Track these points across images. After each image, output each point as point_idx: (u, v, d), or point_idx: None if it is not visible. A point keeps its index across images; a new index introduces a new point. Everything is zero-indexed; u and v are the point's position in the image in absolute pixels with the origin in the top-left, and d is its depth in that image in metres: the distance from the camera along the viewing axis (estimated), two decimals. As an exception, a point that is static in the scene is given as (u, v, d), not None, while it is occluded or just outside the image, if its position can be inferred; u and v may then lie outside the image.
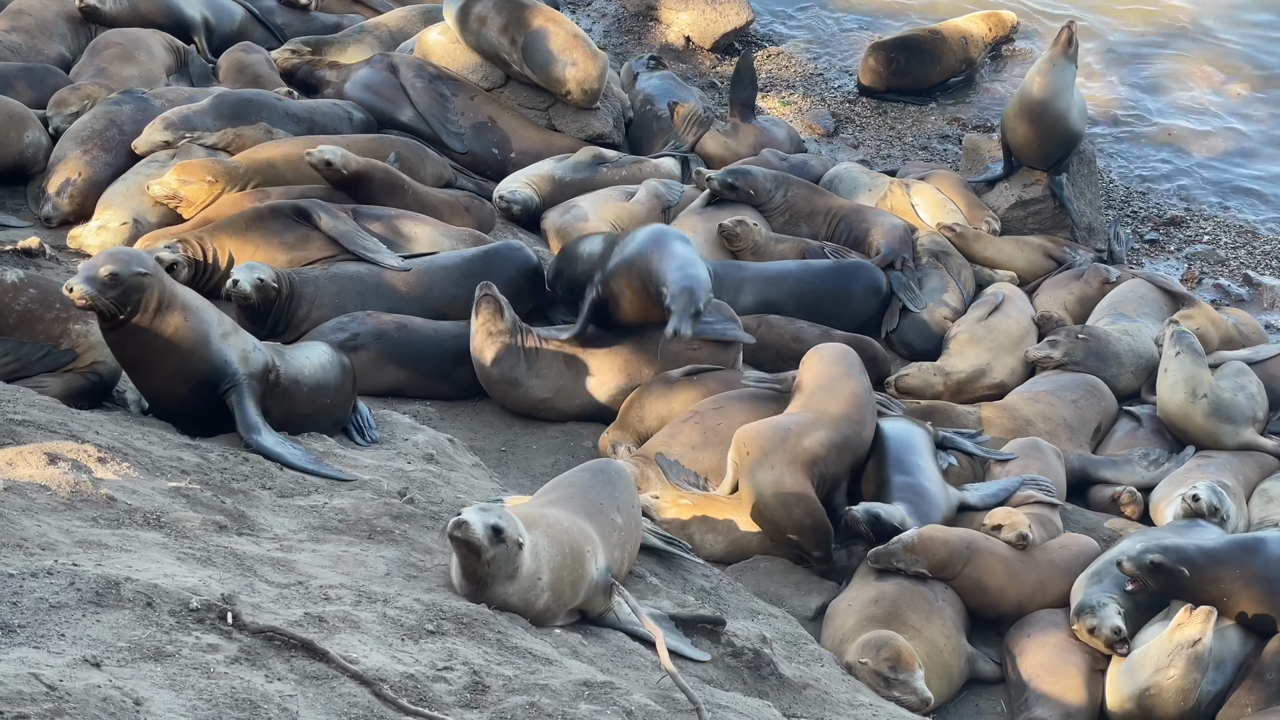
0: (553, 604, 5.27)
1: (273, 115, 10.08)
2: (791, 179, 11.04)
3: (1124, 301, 10.31)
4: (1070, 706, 6.82)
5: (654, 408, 8.28)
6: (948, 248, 10.75)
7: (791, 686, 5.65)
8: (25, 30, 10.86)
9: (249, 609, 4.39)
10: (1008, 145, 11.77)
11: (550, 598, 5.23)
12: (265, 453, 6.30)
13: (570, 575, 5.32)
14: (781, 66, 14.47)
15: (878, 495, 7.72)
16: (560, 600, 5.30)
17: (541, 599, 5.19)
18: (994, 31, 14.38)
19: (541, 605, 5.20)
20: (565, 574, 5.30)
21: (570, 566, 5.33)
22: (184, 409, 6.48)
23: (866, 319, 9.98)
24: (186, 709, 3.73)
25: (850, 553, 7.53)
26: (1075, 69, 11.52)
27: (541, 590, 5.18)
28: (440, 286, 8.78)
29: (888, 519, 7.37)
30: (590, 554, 5.43)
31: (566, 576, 5.30)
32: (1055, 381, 9.40)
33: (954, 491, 7.90)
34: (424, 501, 6.07)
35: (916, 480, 7.73)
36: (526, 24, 11.08)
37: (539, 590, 5.18)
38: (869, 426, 7.92)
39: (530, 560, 5.13)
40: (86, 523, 4.89)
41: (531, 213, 10.47)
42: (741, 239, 10.15)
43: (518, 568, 5.08)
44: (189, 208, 9.18)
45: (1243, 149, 13.77)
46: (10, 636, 3.88)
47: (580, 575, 5.38)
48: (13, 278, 6.57)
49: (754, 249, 10.19)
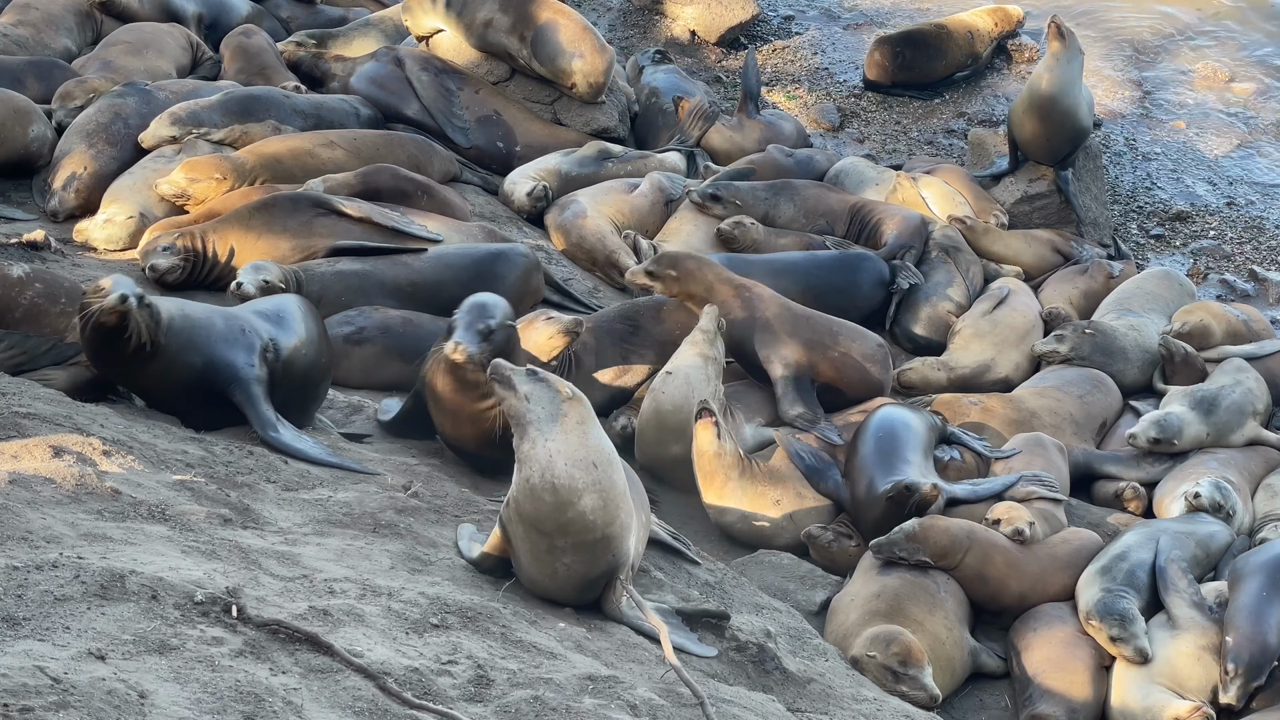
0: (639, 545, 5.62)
1: (280, 112, 10.07)
2: (793, 184, 10.99)
3: (1130, 297, 10.30)
4: (1075, 702, 6.82)
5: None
6: (959, 243, 10.74)
7: (796, 681, 5.65)
8: (32, 24, 10.87)
9: (254, 602, 4.39)
10: (1014, 140, 11.76)
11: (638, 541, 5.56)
12: (286, 450, 6.29)
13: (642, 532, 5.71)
14: (787, 61, 14.46)
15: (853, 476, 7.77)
16: (639, 548, 5.63)
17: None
18: (1000, 26, 14.36)
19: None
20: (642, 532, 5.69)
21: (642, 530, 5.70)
22: (188, 409, 6.48)
23: (872, 311, 9.99)
24: (191, 702, 3.74)
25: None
26: (1082, 59, 11.52)
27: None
28: (444, 286, 8.75)
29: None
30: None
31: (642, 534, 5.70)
32: (1062, 376, 9.39)
33: (942, 484, 7.87)
34: (428, 495, 6.08)
35: (894, 464, 7.71)
36: (534, 18, 11.07)
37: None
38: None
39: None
40: (91, 516, 4.89)
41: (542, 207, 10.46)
42: (739, 240, 10.15)
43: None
44: (197, 205, 9.17)
45: (1249, 144, 13.75)
46: (15, 629, 3.89)
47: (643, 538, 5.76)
48: (19, 272, 6.58)
49: (754, 248, 10.19)
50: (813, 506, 7.84)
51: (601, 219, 10.23)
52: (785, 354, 8.50)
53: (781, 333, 8.57)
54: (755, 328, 8.56)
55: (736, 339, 8.55)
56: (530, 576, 5.36)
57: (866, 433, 7.94)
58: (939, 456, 8.24)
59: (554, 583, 5.33)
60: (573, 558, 5.25)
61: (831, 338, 8.71)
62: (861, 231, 10.64)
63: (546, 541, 5.21)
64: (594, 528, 5.20)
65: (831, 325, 8.80)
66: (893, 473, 7.58)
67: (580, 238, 10.13)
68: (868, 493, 7.59)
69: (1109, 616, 6.94)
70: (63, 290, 6.66)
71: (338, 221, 8.93)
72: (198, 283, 8.58)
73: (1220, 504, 7.91)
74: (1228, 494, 7.98)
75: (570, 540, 5.20)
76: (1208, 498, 7.85)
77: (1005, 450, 8.40)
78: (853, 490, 7.73)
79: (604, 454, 5.23)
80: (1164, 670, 6.83)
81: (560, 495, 5.12)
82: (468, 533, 5.75)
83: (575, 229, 10.15)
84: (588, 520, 5.17)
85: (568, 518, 5.15)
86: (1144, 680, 6.82)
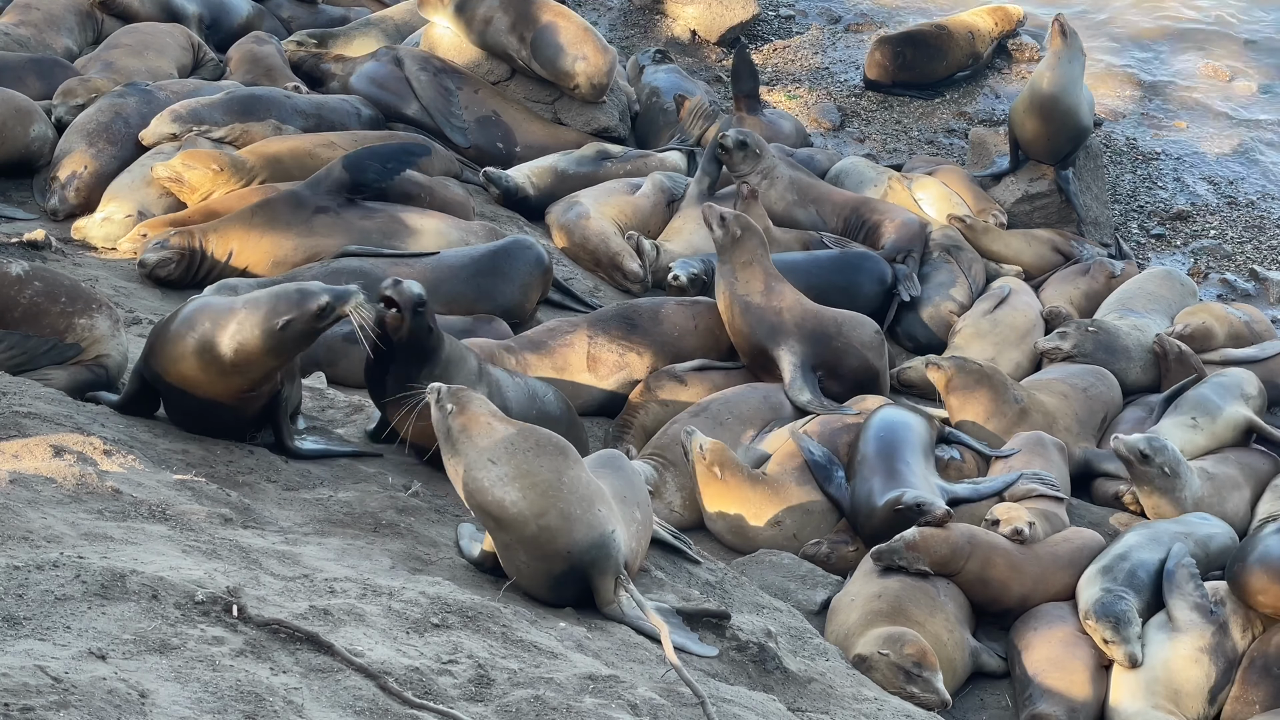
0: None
1: (282, 112, 10.07)
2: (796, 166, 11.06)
3: (1133, 297, 10.31)
4: (1075, 701, 6.81)
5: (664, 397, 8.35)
6: (960, 242, 10.75)
7: (796, 680, 5.65)
8: (33, 24, 10.88)
9: (254, 602, 4.39)
10: (1015, 140, 11.76)
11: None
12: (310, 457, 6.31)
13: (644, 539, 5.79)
14: (787, 60, 14.46)
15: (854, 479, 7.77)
16: (639, 547, 5.70)
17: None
18: (1000, 26, 14.37)
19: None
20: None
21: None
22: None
23: (873, 311, 9.99)
24: (192, 701, 3.74)
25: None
26: (1083, 59, 11.53)
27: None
28: (448, 283, 8.75)
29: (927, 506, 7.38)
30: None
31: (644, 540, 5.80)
32: (1065, 370, 9.40)
33: (942, 484, 7.86)
34: (429, 495, 6.08)
35: (895, 468, 7.71)
36: (535, 19, 11.07)
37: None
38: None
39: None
40: (92, 515, 4.89)
41: (515, 198, 10.43)
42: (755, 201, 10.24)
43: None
44: (190, 193, 9.16)
45: (1250, 144, 13.75)
46: (16, 629, 3.88)
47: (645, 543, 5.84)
48: (18, 270, 6.53)
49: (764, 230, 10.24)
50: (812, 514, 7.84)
51: (605, 220, 10.24)
52: (794, 344, 8.67)
53: (791, 324, 8.73)
54: (768, 315, 8.69)
55: (749, 324, 8.67)
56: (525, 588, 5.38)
57: (867, 435, 7.93)
58: (939, 456, 8.24)
59: (528, 582, 5.34)
60: (525, 555, 5.25)
61: (835, 327, 8.91)
62: (860, 231, 10.65)
63: (501, 537, 5.28)
64: (523, 521, 5.16)
65: (836, 316, 9.02)
66: (895, 481, 7.56)
67: (583, 238, 10.14)
68: (868, 502, 7.58)
69: (1105, 618, 6.93)
70: (62, 289, 6.63)
71: (338, 218, 8.93)
72: (193, 282, 8.58)
73: (1147, 455, 7.94)
74: (1161, 449, 7.99)
75: (511, 536, 5.22)
76: (1129, 447, 7.93)
77: (1005, 449, 8.40)
78: (853, 495, 7.73)
79: (514, 441, 5.18)
80: (1161, 672, 6.83)
81: (490, 508, 5.18)
82: (468, 532, 5.74)
83: (578, 229, 10.15)
84: (510, 513, 5.15)
85: (493, 516, 5.19)
86: (1142, 686, 6.80)
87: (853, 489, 7.74)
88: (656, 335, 8.75)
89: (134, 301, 8.25)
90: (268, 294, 6.02)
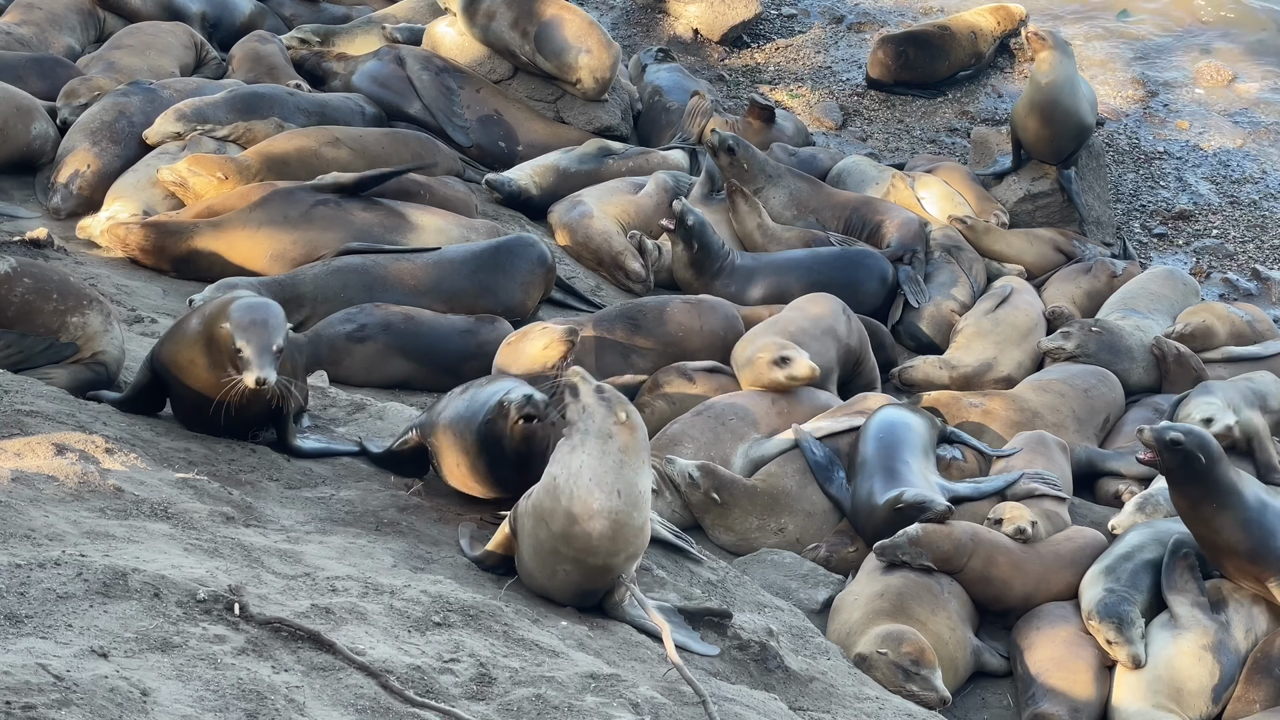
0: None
1: (285, 110, 10.07)
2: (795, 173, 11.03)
3: (1135, 297, 10.30)
4: (1078, 701, 6.80)
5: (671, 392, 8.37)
6: (960, 241, 10.76)
7: (798, 679, 5.65)
8: (35, 23, 10.88)
9: (256, 600, 4.39)
10: (1018, 140, 11.76)
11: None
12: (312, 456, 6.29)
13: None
14: (790, 59, 14.46)
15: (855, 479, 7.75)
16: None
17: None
18: (1003, 25, 14.37)
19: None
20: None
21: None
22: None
23: (874, 308, 10.00)
24: (193, 700, 3.74)
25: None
26: (1073, 54, 11.60)
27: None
28: (450, 279, 8.76)
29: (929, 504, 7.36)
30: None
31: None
32: (1066, 370, 9.39)
33: (943, 483, 7.85)
34: (430, 494, 6.07)
35: (895, 468, 7.70)
36: (538, 14, 11.07)
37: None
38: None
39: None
40: (94, 513, 4.89)
41: (519, 200, 10.44)
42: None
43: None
44: (194, 198, 9.18)
45: (1252, 144, 13.75)
46: (18, 627, 3.89)
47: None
48: (5, 267, 6.42)
49: (760, 228, 10.24)
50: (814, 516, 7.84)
51: (608, 219, 10.24)
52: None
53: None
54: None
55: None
56: (529, 572, 5.35)
57: (867, 435, 7.92)
58: (940, 455, 8.24)
59: (551, 583, 5.33)
60: (571, 568, 5.23)
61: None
62: (861, 231, 10.66)
63: (551, 543, 5.20)
64: (597, 552, 5.17)
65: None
66: (895, 480, 7.56)
67: (586, 237, 10.14)
68: (868, 501, 7.57)
69: (1108, 619, 6.93)
70: (53, 285, 6.55)
71: (336, 212, 8.95)
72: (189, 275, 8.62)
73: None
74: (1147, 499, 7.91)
75: (572, 552, 5.18)
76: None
77: (1007, 449, 8.39)
78: (854, 495, 7.72)
79: (632, 489, 5.15)
80: (1164, 671, 6.82)
81: (574, 506, 5.11)
82: (469, 531, 5.75)
83: (581, 228, 10.15)
84: (593, 543, 5.14)
85: (573, 531, 5.12)
86: (1145, 685, 6.79)
87: (853, 489, 7.74)
88: (661, 335, 8.76)
89: (135, 300, 8.26)
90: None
